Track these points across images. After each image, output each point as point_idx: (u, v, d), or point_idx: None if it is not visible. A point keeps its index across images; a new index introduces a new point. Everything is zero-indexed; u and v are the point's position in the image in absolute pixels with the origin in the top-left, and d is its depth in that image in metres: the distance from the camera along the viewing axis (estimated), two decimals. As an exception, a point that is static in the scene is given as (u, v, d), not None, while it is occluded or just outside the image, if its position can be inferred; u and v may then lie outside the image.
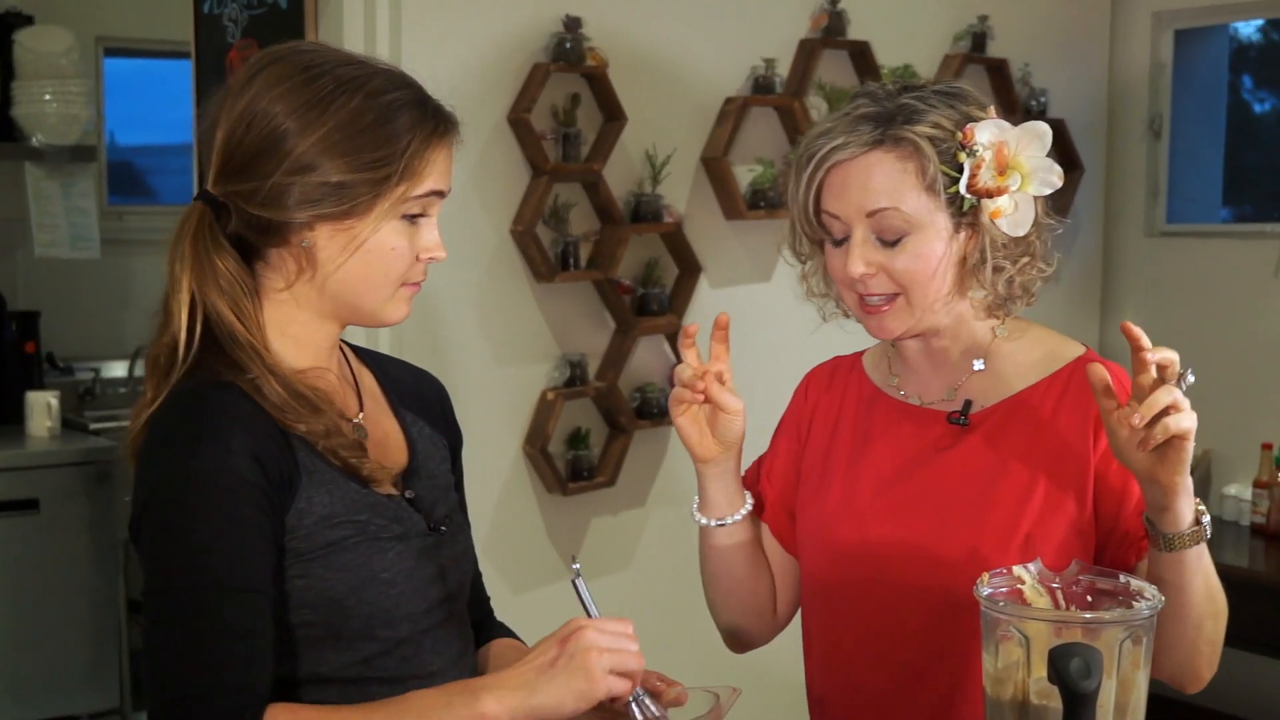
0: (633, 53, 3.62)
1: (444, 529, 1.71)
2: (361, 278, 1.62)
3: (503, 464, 3.52)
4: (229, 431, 1.53)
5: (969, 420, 1.82)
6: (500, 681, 1.49)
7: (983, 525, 1.76)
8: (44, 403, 4.80)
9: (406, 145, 1.59)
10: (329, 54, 1.64)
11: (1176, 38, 4.81)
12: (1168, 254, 4.83)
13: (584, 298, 3.61)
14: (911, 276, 1.76)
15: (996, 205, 1.73)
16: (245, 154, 1.59)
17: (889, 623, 1.82)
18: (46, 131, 5.06)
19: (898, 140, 1.74)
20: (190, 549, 1.50)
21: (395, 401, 1.79)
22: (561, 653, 1.48)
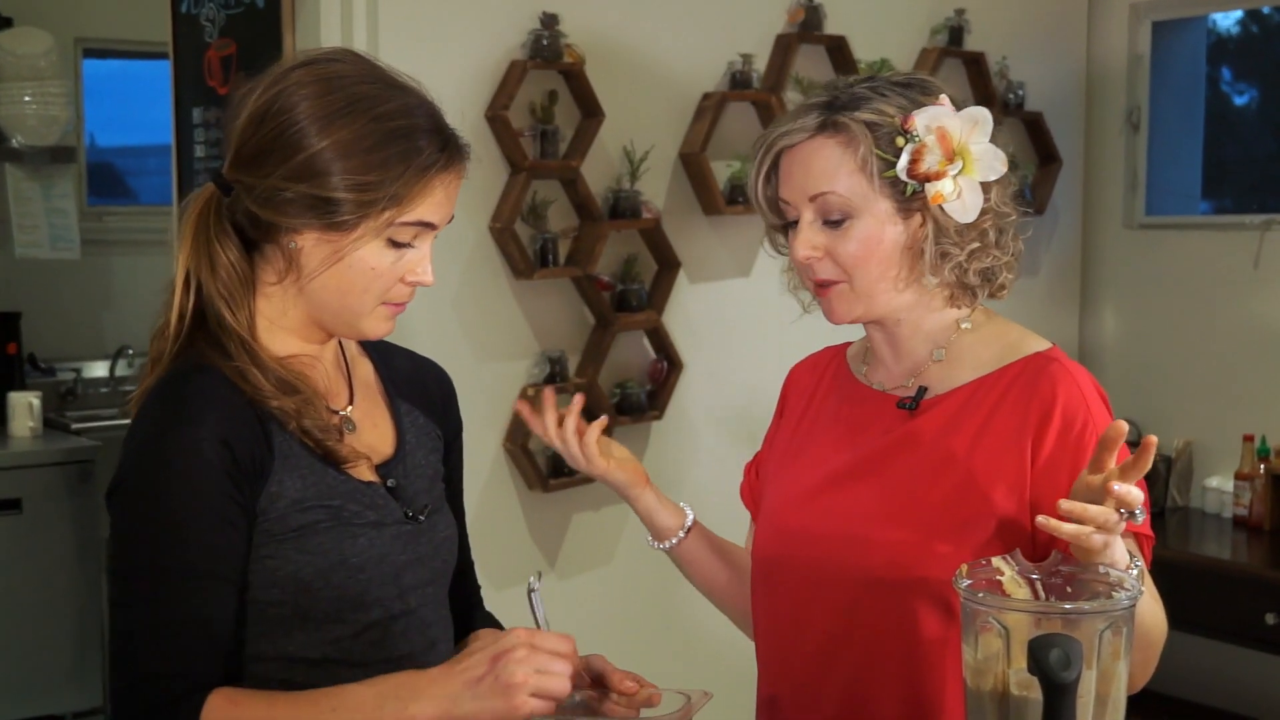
0: (610, 49, 3.62)
1: (422, 518, 1.74)
2: (339, 290, 1.64)
3: (483, 461, 3.52)
4: (202, 416, 1.57)
5: (918, 407, 1.84)
6: (429, 689, 1.51)
7: (912, 510, 1.78)
8: (25, 403, 4.80)
9: (400, 174, 1.59)
10: (360, 69, 1.66)
11: (1154, 29, 4.82)
12: (1147, 247, 4.84)
13: (563, 294, 3.61)
14: (854, 260, 1.79)
15: (938, 189, 1.75)
16: (254, 148, 1.62)
17: (815, 599, 1.85)
18: (26, 133, 5.05)
19: (838, 126, 1.78)
20: (153, 531, 1.55)
21: (392, 391, 1.82)
22: (489, 672, 1.50)
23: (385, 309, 1.67)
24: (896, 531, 1.76)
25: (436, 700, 1.50)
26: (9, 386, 4.93)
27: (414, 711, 1.50)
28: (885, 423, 1.86)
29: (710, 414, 3.91)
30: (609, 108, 3.55)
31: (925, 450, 1.81)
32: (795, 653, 1.88)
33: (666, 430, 3.83)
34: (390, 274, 1.64)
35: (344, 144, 1.59)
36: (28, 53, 5.01)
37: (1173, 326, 4.73)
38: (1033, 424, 1.76)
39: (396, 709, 1.50)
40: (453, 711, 1.50)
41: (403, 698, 1.50)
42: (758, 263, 3.97)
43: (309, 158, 1.59)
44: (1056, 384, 1.77)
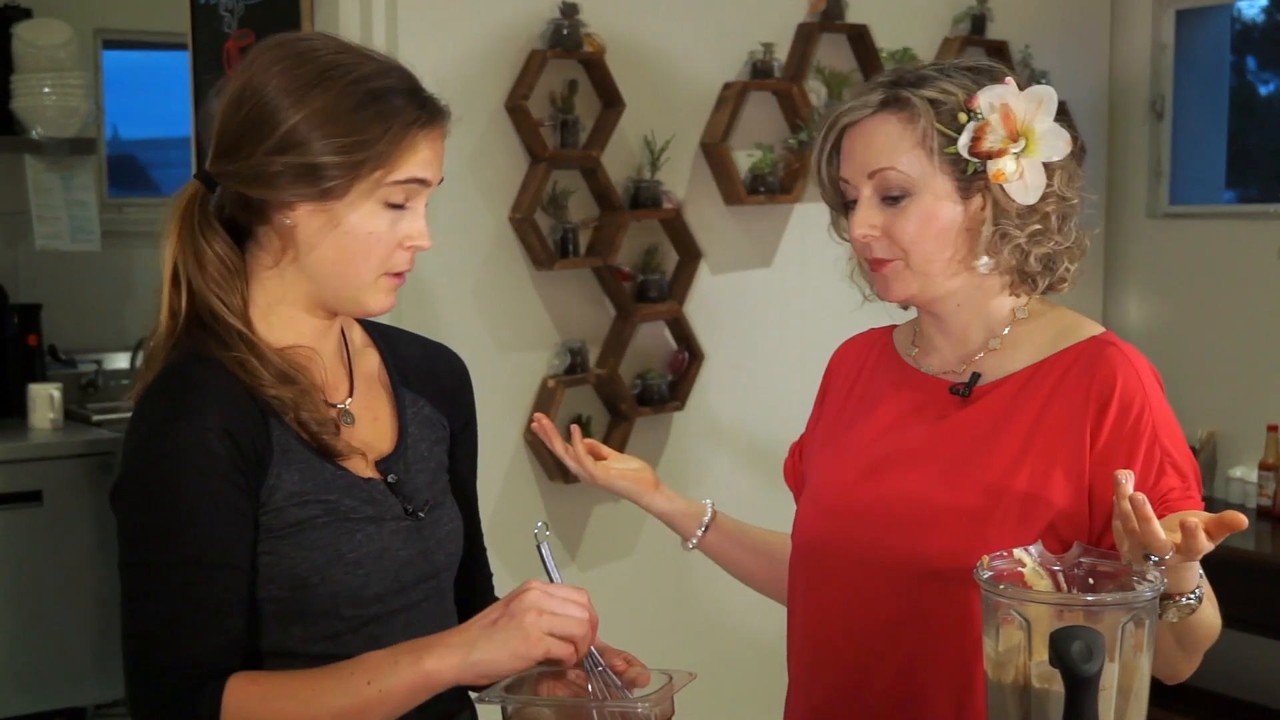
0: (630, 39, 3.60)
1: (423, 515, 1.73)
2: (338, 260, 1.63)
3: (504, 452, 3.51)
4: (205, 407, 1.57)
5: (971, 393, 1.82)
6: (444, 640, 1.52)
7: (964, 497, 1.76)
8: (46, 395, 4.79)
9: (385, 130, 1.60)
10: (327, 42, 1.68)
11: (1178, 18, 4.79)
12: (1171, 236, 4.81)
13: (583, 285, 3.60)
14: (912, 238, 1.77)
15: (999, 167, 1.73)
16: (235, 132, 1.62)
17: (865, 586, 1.82)
18: (46, 124, 5.05)
19: (901, 102, 1.76)
20: (163, 524, 1.55)
21: (396, 381, 1.80)
22: (504, 612, 1.51)
23: (386, 280, 1.66)
24: (952, 519, 1.74)
25: (452, 648, 1.50)
26: (30, 378, 4.93)
27: (429, 664, 1.50)
28: (937, 408, 1.84)
29: (732, 404, 3.90)
30: (629, 97, 3.53)
31: (980, 437, 1.78)
32: (841, 640, 1.85)
33: (688, 421, 3.82)
34: (388, 239, 1.64)
35: (321, 111, 1.59)
36: (47, 44, 5.01)
37: (1196, 316, 4.70)
38: (1091, 409, 1.74)
39: (411, 662, 1.50)
40: (469, 657, 1.49)
41: (416, 651, 1.51)
42: (779, 253, 3.96)
43: (289, 130, 1.59)
44: (1115, 368, 1.75)
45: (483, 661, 1.49)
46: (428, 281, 3.33)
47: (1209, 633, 1.69)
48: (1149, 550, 1.48)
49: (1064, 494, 1.72)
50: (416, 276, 3.24)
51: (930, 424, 1.83)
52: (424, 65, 3.29)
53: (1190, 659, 1.72)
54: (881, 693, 1.81)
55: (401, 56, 3.16)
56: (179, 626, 1.52)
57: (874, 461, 1.85)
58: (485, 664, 1.50)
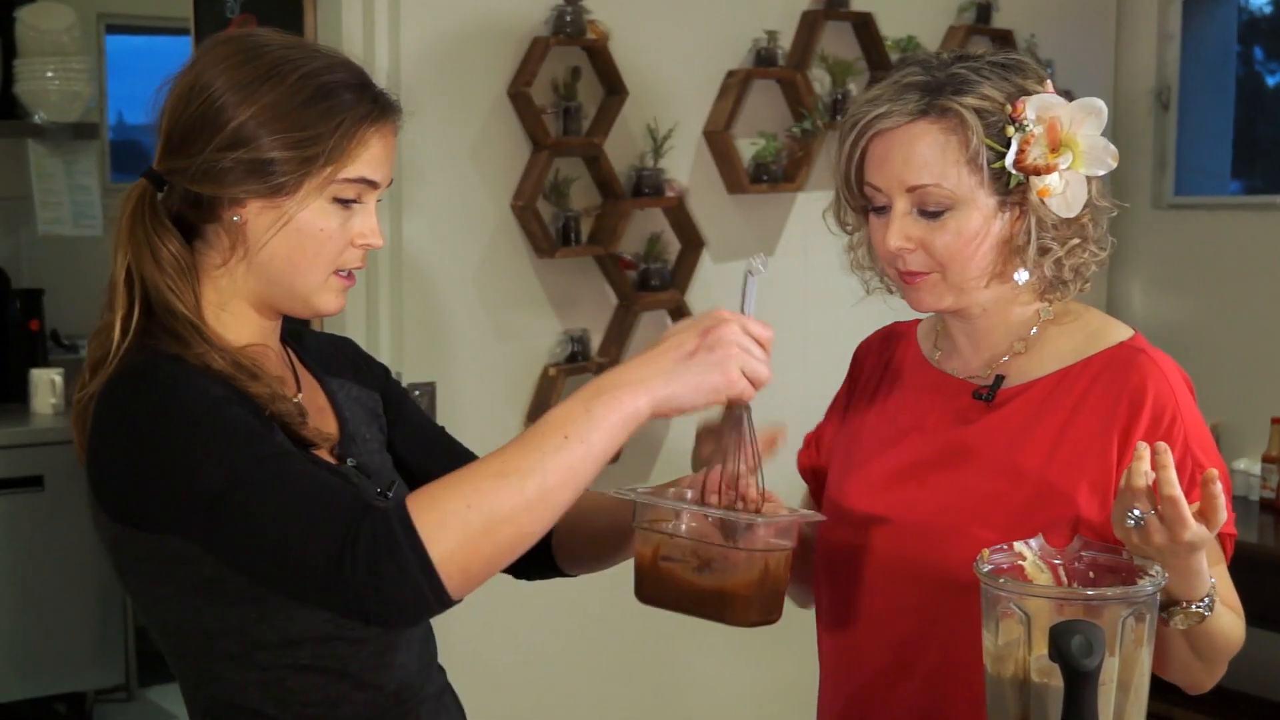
0: (633, 26, 3.58)
1: (390, 494, 1.73)
2: (289, 258, 1.62)
3: (504, 438, 3.47)
4: (195, 380, 1.54)
5: (995, 397, 1.79)
6: (637, 375, 1.47)
7: (988, 504, 1.73)
8: (48, 380, 4.80)
9: (337, 126, 1.59)
10: (275, 38, 1.66)
11: (1185, 8, 4.76)
12: (1176, 226, 4.79)
13: (586, 273, 3.59)
14: (950, 254, 1.72)
15: (1045, 183, 1.67)
16: (183, 129, 1.61)
17: (888, 593, 1.80)
18: (49, 109, 5.04)
19: (943, 111, 1.69)
20: (210, 455, 1.48)
21: (318, 371, 1.81)
22: (701, 345, 1.47)
23: (337, 280, 1.65)
24: (977, 529, 1.70)
25: (646, 382, 1.46)
26: (31, 363, 4.93)
27: (631, 402, 1.45)
28: (961, 412, 1.81)
29: (733, 394, 3.88)
30: (632, 85, 3.52)
31: (1006, 445, 1.75)
32: (868, 647, 1.84)
33: (689, 410, 3.80)
34: (339, 236, 1.62)
35: (270, 107, 1.58)
36: (50, 28, 5.00)
37: (1201, 308, 4.69)
38: (1121, 418, 1.71)
39: (607, 405, 1.45)
40: (667, 388, 1.46)
41: (610, 392, 1.46)
42: (782, 241, 3.94)
43: (238, 126, 1.58)
44: (1146, 377, 1.72)
45: (679, 394, 1.47)
46: (429, 269, 3.32)
47: (1228, 644, 1.67)
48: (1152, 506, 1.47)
49: (1090, 503, 1.69)
50: (418, 264, 3.25)
51: (954, 429, 1.80)
52: (426, 51, 3.31)
53: (1210, 669, 1.70)
54: (907, 700, 1.79)
55: (404, 42, 3.20)
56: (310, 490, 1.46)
57: (898, 469, 1.83)
58: (680, 398, 1.47)
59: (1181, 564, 1.53)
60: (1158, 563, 1.50)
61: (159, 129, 1.65)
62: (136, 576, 1.63)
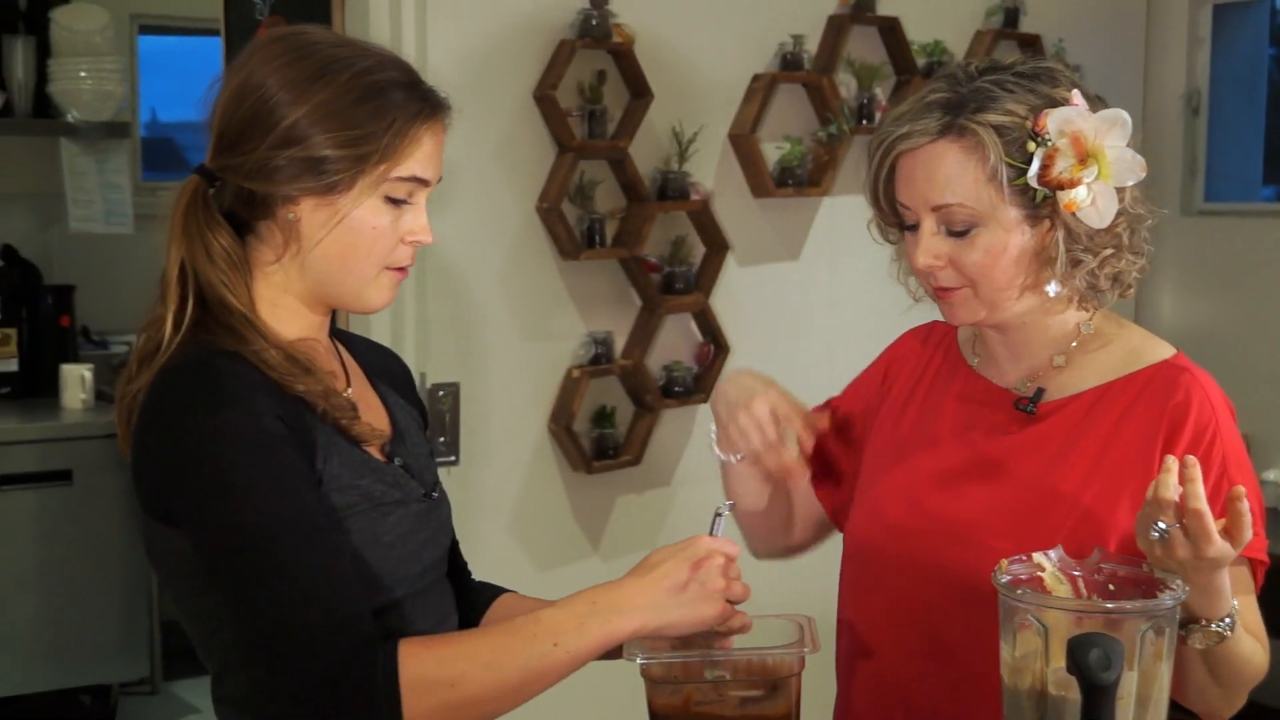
0: (660, 29, 3.59)
1: (435, 495, 1.76)
2: (341, 255, 1.63)
3: (528, 442, 3.51)
4: (250, 395, 1.55)
5: (1036, 410, 1.78)
6: (630, 602, 1.54)
7: (1028, 518, 1.73)
8: (78, 375, 4.83)
9: (389, 124, 1.60)
10: (326, 36, 1.68)
11: (1215, 13, 4.74)
12: (1206, 233, 4.77)
13: (610, 275, 3.59)
14: (980, 270, 1.71)
15: (1072, 197, 1.66)
16: (237, 127, 1.62)
17: (917, 601, 1.80)
18: (81, 108, 5.07)
19: (963, 130, 1.69)
20: (254, 501, 1.51)
21: (371, 377, 1.83)
22: (691, 578, 1.54)
23: (388, 276, 1.67)
24: (1010, 542, 1.68)
25: (641, 612, 1.53)
26: (62, 359, 4.96)
27: (619, 628, 1.53)
28: (1002, 422, 1.80)
29: (757, 397, 3.88)
30: (658, 88, 3.52)
31: (1047, 458, 1.75)
32: (891, 653, 1.83)
33: (713, 413, 3.80)
34: (391, 234, 1.64)
35: (323, 105, 1.59)
36: (84, 29, 5.04)
37: (1231, 315, 4.66)
38: (1162, 435, 1.70)
39: (601, 625, 1.52)
40: (659, 620, 1.53)
41: (605, 614, 1.52)
42: (807, 245, 3.94)
43: (291, 125, 1.59)
44: (1190, 396, 1.71)
45: (670, 626, 1.54)
46: (454, 270, 3.33)
47: (1248, 670, 1.66)
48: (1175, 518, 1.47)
49: (1129, 520, 1.68)
50: (443, 265, 3.26)
51: (994, 440, 1.80)
52: (453, 53, 3.32)
53: (1228, 697, 1.69)
54: (929, 708, 1.79)
55: (431, 44, 3.21)
56: (320, 594, 1.49)
57: (935, 475, 1.82)
58: (671, 628, 1.55)
59: (1204, 580, 1.52)
60: (1179, 577, 1.50)
61: (210, 126, 1.66)
62: (167, 567, 1.65)
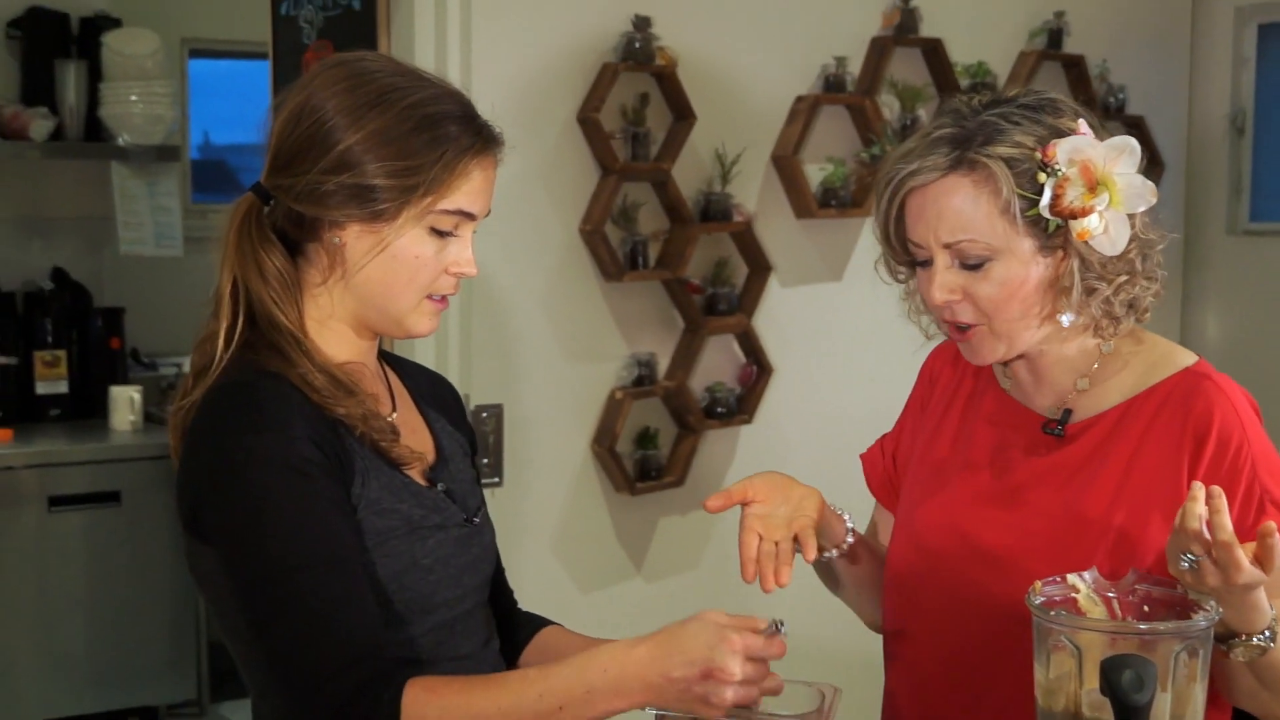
0: (702, 52, 3.61)
1: (477, 520, 1.77)
2: (384, 282, 1.65)
3: (571, 463, 3.52)
4: (288, 419, 1.58)
5: (1064, 432, 1.79)
6: (637, 681, 1.51)
7: (1063, 542, 1.73)
8: (127, 397, 4.88)
9: (439, 157, 1.62)
10: (388, 64, 1.70)
11: (1260, 32, 4.72)
12: (1250, 252, 4.74)
13: (653, 297, 3.61)
14: (995, 304, 1.72)
15: (1084, 226, 1.67)
16: (291, 148, 1.65)
17: (957, 624, 1.81)
18: (132, 131, 5.13)
19: (973, 164, 1.69)
20: (280, 530, 1.54)
21: (419, 400, 1.85)
22: (700, 687, 1.49)
23: (430, 304, 1.69)
24: (1051, 566, 1.67)
25: (644, 693, 1.51)
26: (111, 380, 5.01)
27: (623, 705, 1.52)
28: (1033, 446, 1.81)
29: (800, 418, 3.89)
30: (700, 110, 3.54)
31: (1078, 481, 1.75)
32: (938, 679, 1.84)
33: (756, 434, 3.81)
34: (434, 264, 1.66)
35: (377, 134, 1.61)
36: (135, 53, 5.09)
37: (1274, 334, 4.63)
38: (1188, 446, 1.70)
39: (606, 700, 1.51)
40: (658, 704, 1.52)
41: (611, 690, 1.51)
42: (850, 266, 3.94)
43: (344, 150, 1.61)
44: (1212, 403, 1.71)
45: (665, 709, 1.53)
46: (498, 292, 3.35)
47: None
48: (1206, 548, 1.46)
49: (1162, 535, 1.68)
50: (487, 287, 3.28)
51: (1026, 464, 1.81)
52: (497, 77, 3.35)
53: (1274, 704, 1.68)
54: None
55: (475, 68, 3.24)
56: (334, 627, 1.52)
57: (971, 499, 1.83)
58: (665, 709, 1.53)
59: (1238, 600, 1.52)
60: (1214, 599, 1.50)
61: (268, 146, 1.69)
62: (208, 584, 1.67)
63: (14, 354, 4.90)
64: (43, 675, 4.53)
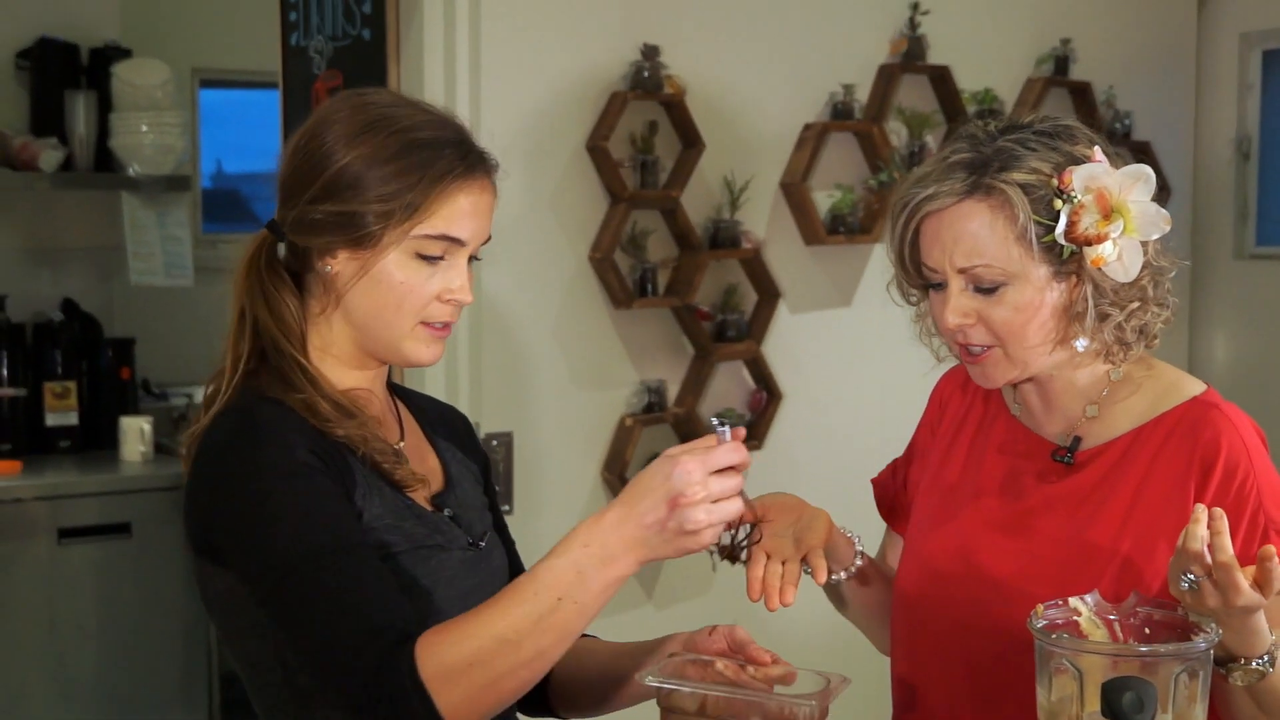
0: (711, 80, 3.63)
1: (483, 544, 1.79)
2: (373, 309, 1.68)
3: (581, 490, 3.53)
4: (286, 434, 1.61)
5: (1073, 460, 1.80)
6: (619, 544, 1.51)
7: (1069, 569, 1.74)
8: (137, 428, 4.87)
9: (417, 181, 1.64)
10: (389, 96, 1.75)
11: (1265, 58, 4.74)
12: (1257, 276, 4.75)
13: (662, 324, 3.62)
14: (1009, 328, 1.73)
15: (1098, 253, 1.68)
16: (290, 180, 1.70)
17: (964, 648, 1.81)
18: (143, 162, 5.13)
19: (989, 190, 1.70)
20: (286, 526, 1.56)
21: (428, 430, 1.87)
22: (670, 516, 1.49)
23: (425, 331, 1.69)
24: (1057, 592, 1.67)
25: (630, 551, 1.51)
26: (122, 411, 5.02)
27: (619, 571, 1.51)
28: (1042, 473, 1.82)
29: (810, 444, 3.90)
30: (709, 138, 3.56)
31: (1086, 508, 1.76)
32: (940, 703, 1.85)
33: (767, 460, 3.82)
34: (422, 291, 1.67)
35: (365, 158, 1.64)
36: (145, 83, 5.10)
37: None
38: (1195, 475, 1.71)
39: (598, 572, 1.51)
40: (649, 556, 1.52)
41: (598, 561, 1.51)
42: (859, 292, 3.96)
43: (334, 174, 1.64)
44: (1219, 432, 1.72)
45: (660, 556, 1.53)
46: (508, 320, 3.37)
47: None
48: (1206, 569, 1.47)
49: (1167, 563, 1.65)
50: (496, 315, 3.30)
51: (1035, 491, 1.81)
52: (507, 106, 3.37)
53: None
54: None
55: (484, 97, 3.26)
56: (352, 608, 1.53)
57: (979, 528, 1.84)
58: (662, 557, 1.53)
59: (1238, 624, 1.53)
60: (1214, 621, 1.51)
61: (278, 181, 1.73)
62: (219, 608, 1.69)
63: (23, 385, 4.89)
64: (54, 706, 4.53)
